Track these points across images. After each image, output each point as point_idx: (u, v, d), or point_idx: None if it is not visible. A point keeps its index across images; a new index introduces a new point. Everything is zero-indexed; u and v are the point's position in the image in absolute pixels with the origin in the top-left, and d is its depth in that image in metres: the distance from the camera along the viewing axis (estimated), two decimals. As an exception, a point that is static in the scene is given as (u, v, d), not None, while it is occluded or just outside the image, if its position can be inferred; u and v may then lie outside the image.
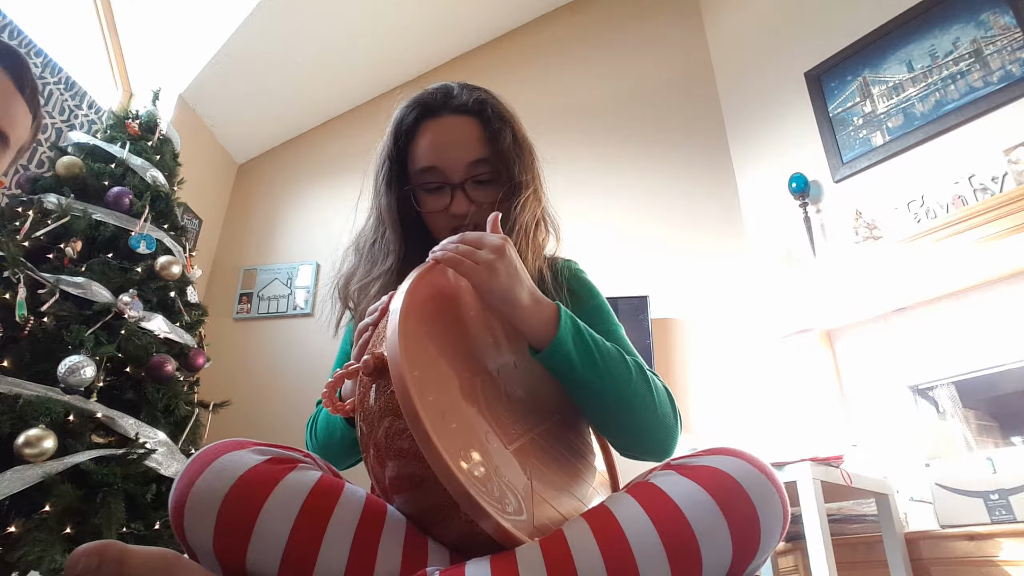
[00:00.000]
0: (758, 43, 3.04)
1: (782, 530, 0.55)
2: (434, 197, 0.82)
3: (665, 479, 0.56)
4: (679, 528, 0.51)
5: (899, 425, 2.17)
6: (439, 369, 0.59)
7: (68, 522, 1.41)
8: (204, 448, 0.58)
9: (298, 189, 3.42)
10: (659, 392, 0.74)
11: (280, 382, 2.87)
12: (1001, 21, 2.24)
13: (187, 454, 1.81)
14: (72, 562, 0.48)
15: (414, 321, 0.58)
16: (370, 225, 0.89)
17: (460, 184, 0.81)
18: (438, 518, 0.55)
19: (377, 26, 3.15)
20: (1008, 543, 1.67)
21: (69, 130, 2.35)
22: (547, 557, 0.50)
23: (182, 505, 0.53)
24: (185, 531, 0.53)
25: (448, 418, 0.55)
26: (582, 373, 0.68)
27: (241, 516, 0.51)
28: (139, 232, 1.94)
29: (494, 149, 0.82)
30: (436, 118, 0.83)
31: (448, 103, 0.84)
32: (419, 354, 0.56)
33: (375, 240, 0.87)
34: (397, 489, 0.56)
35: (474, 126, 0.82)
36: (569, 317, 0.70)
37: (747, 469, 0.55)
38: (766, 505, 0.53)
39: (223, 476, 0.53)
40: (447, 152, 0.81)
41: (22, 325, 1.58)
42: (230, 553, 0.52)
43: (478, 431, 0.58)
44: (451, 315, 0.66)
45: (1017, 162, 2.03)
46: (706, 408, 2.51)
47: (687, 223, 2.89)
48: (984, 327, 2.05)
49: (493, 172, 0.82)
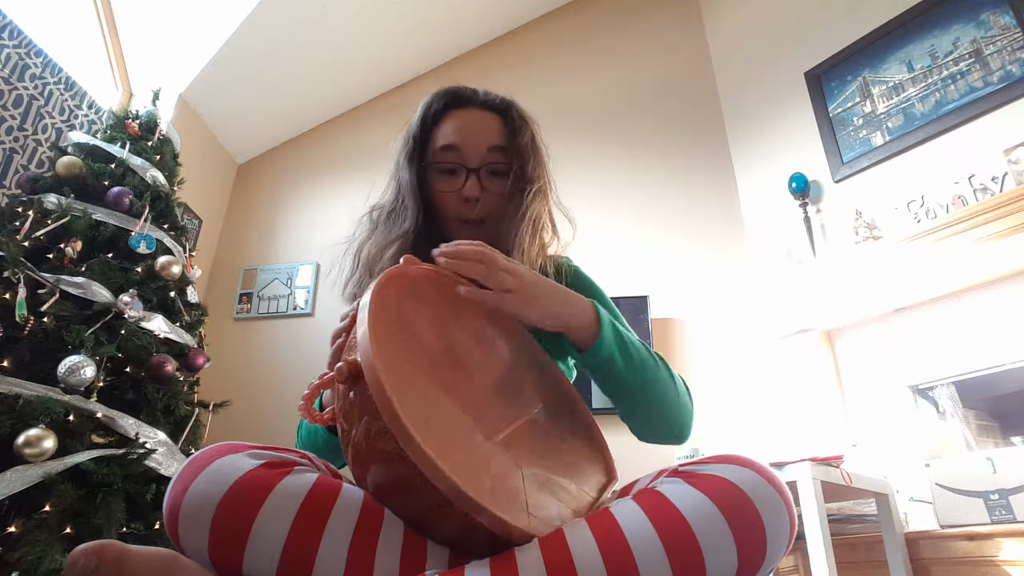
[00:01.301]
0: (758, 43, 3.04)
1: (789, 541, 0.55)
2: (448, 179, 0.86)
3: (670, 487, 0.56)
4: (682, 535, 0.50)
5: (899, 425, 2.17)
6: (414, 368, 0.58)
7: (68, 522, 1.41)
8: (199, 452, 0.57)
9: (298, 189, 3.42)
10: (677, 379, 0.78)
11: (280, 382, 2.87)
12: (1001, 21, 2.24)
13: (187, 454, 1.81)
14: (71, 562, 0.48)
15: (385, 322, 0.57)
16: (388, 198, 0.91)
17: (476, 169, 0.85)
18: (432, 518, 0.54)
19: (377, 26, 3.15)
20: (1008, 543, 1.67)
21: (69, 130, 2.35)
22: (547, 558, 0.50)
23: (176, 510, 0.53)
24: (180, 537, 0.53)
25: (430, 416, 0.54)
26: (622, 367, 0.72)
27: (236, 522, 0.51)
28: (139, 232, 1.94)
29: (512, 144, 0.87)
30: (464, 108, 0.89)
31: (477, 98, 0.90)
32: (393, 354, 0.55)
33: (392, 210, 0.89)
34: (386, 493, 0.56)
35: (497, 120, 0.88)
36: (606, 315, 0.73)
37: (754, 479, 0.54)
38: (772, 515, 0.53)
39: (218, 481, 0.52)
40: (469, 135, 0.86)
41: (22, 325, 1.58)
42: (226, 559, 0.51)
43: (461, 426, 0.57)
44: (421, 313, 0.65)
45: (1017, 162, 2.03)
46: (706, 408, 2.50)
47: (687, 223, 2.89)
48: (984, 327, 2.05)
49: (507, 165, 0.86)
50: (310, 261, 3.17)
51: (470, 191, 0.84)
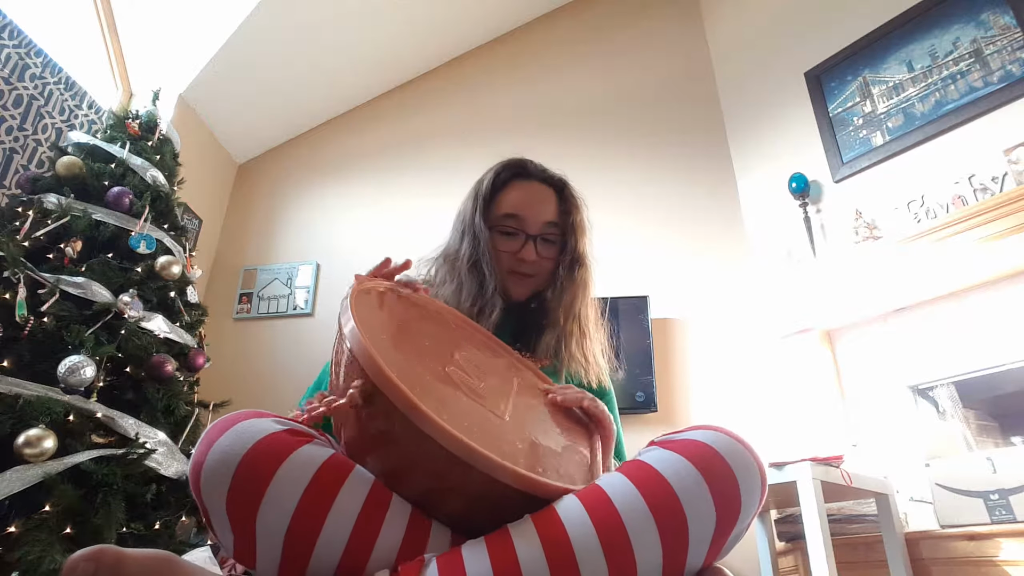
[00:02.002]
0: (758, 43, 3.04)
1: (761, 495, 0.59)
2: (507, 240, 0.99)
3: (649, 453, 0.60)
4: (664, 495, 0.54)
5: (899, 425, 2.17)
6: (414, 369, 0.62)
7: (68, 522, 1.41)
8: (226, 416, 0.60)
9: (298, 189, 3.42)
10: None
11: (280, 382, 2.87)
12: (1001, 21, 2.24)
13: (187, 454, 1.81)
14: (69, 568, 0.48)
15: (373, 334, 0.61)
16: (465, 250, 1.00)
17: (534, 236, 0.98)
18: (437, 495, 0.57)
19: (377, 26, 3.15)
20: (1008, 543, 1.67)
21: (69, 130, 2.35)
22: (540, 529, 0.52)
23: (200, 464, 0.55)
24: (201, 489, 0.55)
25: (443, 407, 0.58)
26: None
27: (255, 479, 0.53)
28: (139, 232, 1.94)
29: (564, 221, 1.01)
30: (527, 180, 1.03)
31: (538, 173, 1.04)
32: (393, 359, 0.59)
33: (473, 264, 0.98)
34: (395, 475, 0.58)
35: (554, 197, 1.02)
36: None
37: (725, 440, 0.58)
38: (745, 471, 0.56)
39: (243, 438, 0.55)
40: (531, 207, 0.99)
41: (22, 325, 1.58)
42: (241, 514, 0.53)
43: (470, 411, 0.61)
44: (396, 325, 0.70)
45: (1017, 162, 2.03)
46: (706, 408, 2.51)
47: (687, 223, 2.89)
48: (984, 327, 2.05)
49: (558, 237, 1.01)
50: (310, 261, 3.17)
51: (527, 255, 0.97)
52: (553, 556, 0.50)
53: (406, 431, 0.53)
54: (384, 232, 3.13)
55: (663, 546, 0.52)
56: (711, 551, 0.55)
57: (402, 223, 3.11)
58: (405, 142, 3.39)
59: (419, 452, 0.54)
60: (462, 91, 3.45)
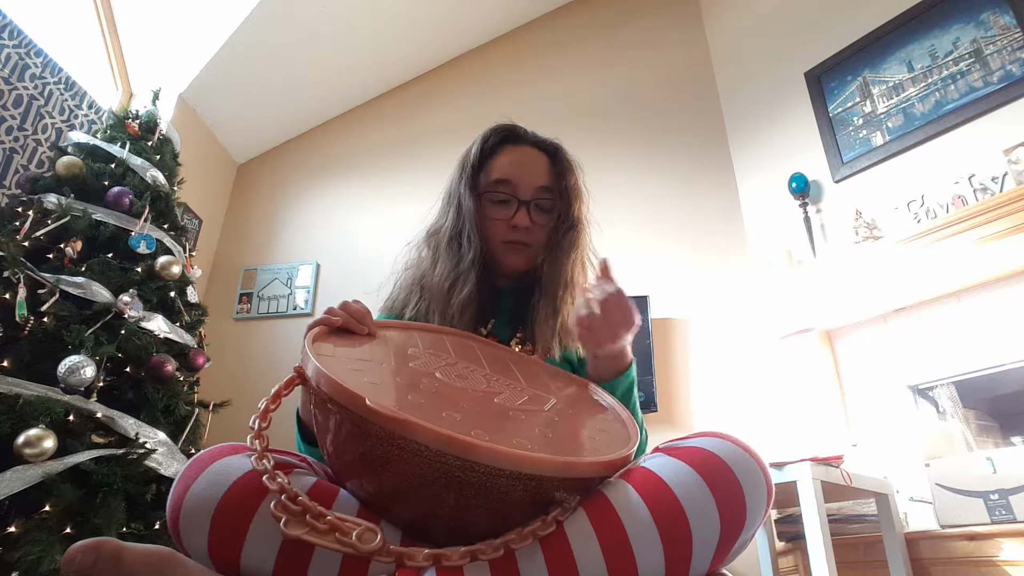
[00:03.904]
0: (758, 43, 3.03)
1: (767, 505, 0.57)
2: (499, 207, 0.93)
3: (654, 460, 0.58)
4: (668, 504, 0.53)
5: (899, 425, 2.17)
6: (385, 386, 0.60)
7: (68, 522, 1.41)
8: (201, 452, 0.59)
9: (298, 189, 3.42)
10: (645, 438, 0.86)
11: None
12: (1001, 21, 2.24)
13: (187, 454, 1.81)
14: (68, 559, 0.48)
15: (335, 369, 0.59)
16: (447, 224, 0.96)
17: (527, 201, 0.92)
18: (430, 511, 0.54)
19: (377, 26, 3.15)
20: (1008, 543, 1.67)
21: (69, 130, 2.35)
22: (545, 548, 0.51)
23: (178, 511, 0.55)
24: (181, 536, 0.55)
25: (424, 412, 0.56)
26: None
27: (233, 524, 0.53)
28: (139, 232, 1.94)
29: (558, 185, 0.95)
30: (518, 144, 0.98)
31: (530, 137, 0.99)
32: (359, 384, 0.56)
33: (452, 237, 0.94)
34: (383, 487, 0.56)
35: (547, 161, 0.97)
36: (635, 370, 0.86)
37: (731, 448, 0.57)
38: (751, 480, 0.55)
39: (218, 482, 0.54)
40: (522, 171, 0.94)
41: (22, 325, 1.59)
42: (225, 557, 0.53)
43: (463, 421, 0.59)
44: (357, 353, 0.68)
45: (1017, 162, 2.03)
46: (706, 408, 2.51)
47: (687, 223, 2.88)
48: (984, 327, 2.05)
49: (552, 203, 0.94)
50: (310, 261, 3.17)
51: (520, 220, 0.91)
52: (556, 572, 0.50)
53: (401, 449, 0.51)
54: (384, 232, 3.13)
55: (666, 556, 0.52)
56: (715, 560, 0.55)
57: (402, 223, 3.10)
58: (405, 142, 3.39)
59: (421, 462, 0.51)
60: (462, 91, 3.45)
